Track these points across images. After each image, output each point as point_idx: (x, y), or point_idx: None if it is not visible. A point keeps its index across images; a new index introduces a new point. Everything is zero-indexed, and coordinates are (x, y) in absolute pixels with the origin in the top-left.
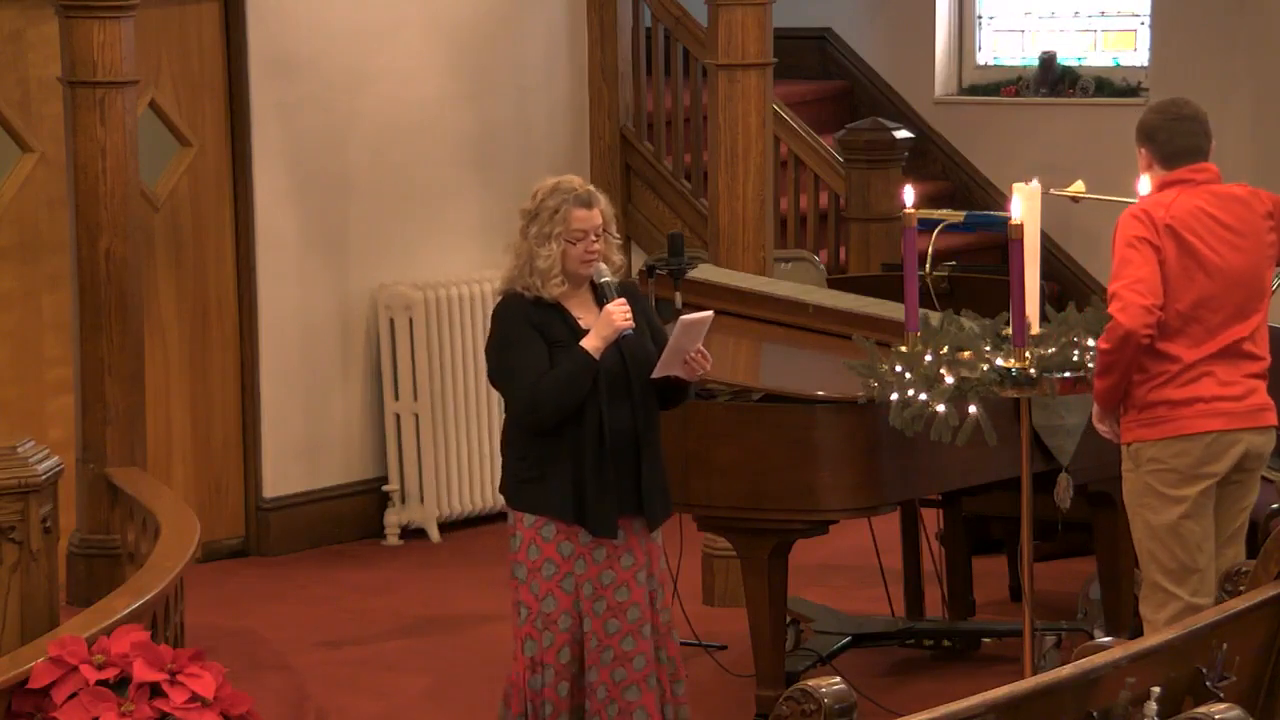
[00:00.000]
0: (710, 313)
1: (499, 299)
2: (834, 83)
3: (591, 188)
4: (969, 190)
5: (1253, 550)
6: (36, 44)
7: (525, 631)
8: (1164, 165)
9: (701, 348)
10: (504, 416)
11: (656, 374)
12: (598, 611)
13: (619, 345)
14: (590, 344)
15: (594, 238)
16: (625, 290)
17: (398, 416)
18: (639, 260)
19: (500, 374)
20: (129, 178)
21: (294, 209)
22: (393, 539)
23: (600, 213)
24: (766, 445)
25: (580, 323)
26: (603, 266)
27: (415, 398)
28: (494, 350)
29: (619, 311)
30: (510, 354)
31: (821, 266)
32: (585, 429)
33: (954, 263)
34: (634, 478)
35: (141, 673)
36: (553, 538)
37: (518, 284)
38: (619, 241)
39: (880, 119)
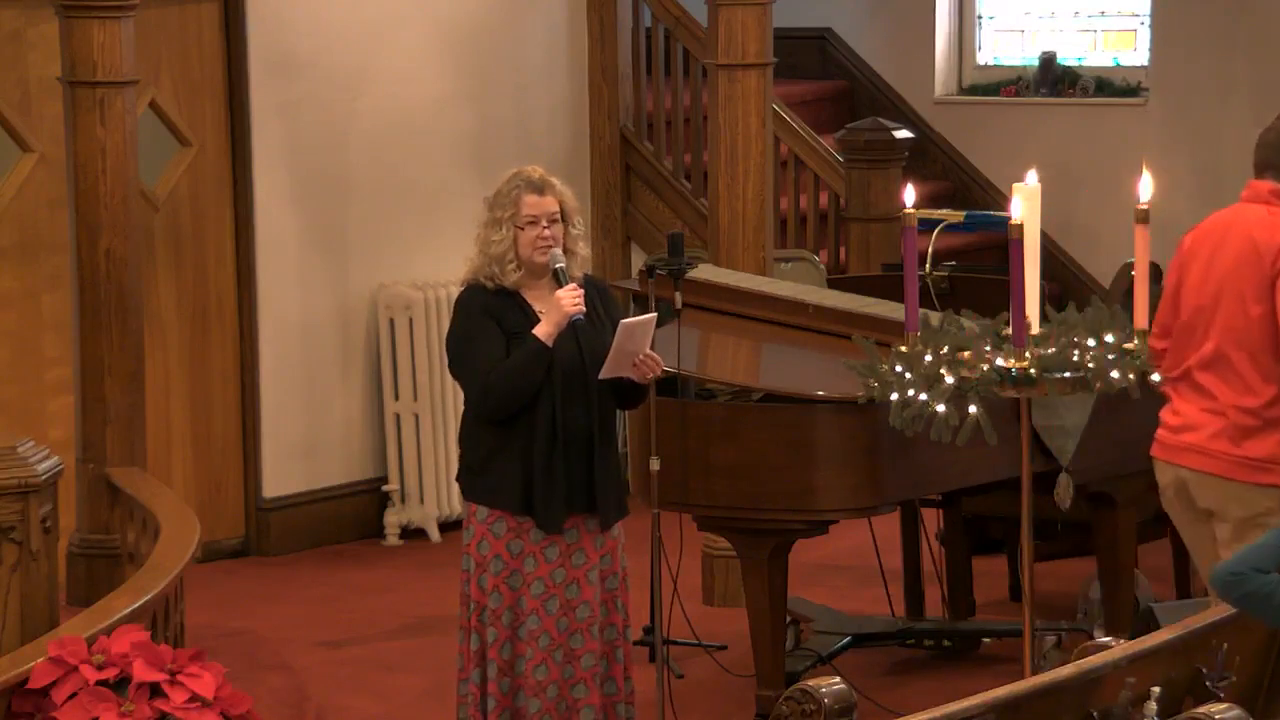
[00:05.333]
0: (653, 315)
1: (461, 289)
2: (834, 83)
3: (551, 177)
4: (969, 190)
5: None
6: (36, 44)
7: (472, 626)
8: None
9: (650, 351)
10: (461, 408)
11: (603, 375)
12: (550, 610)
13: (578, 342)
14: (542, 331)
15: (545, 224)
16: (591, 284)
17: (398, 416)
18: (639, 260)
19: (457, 363)
20: (129, 178)
21: (294, 209)
22: (393, 539)
23: (556, 200)
24: (766, 445)
25: (538, 313)
26: (557, 252)
27: (415, 398)
28: (452, 340)
29: (569, 296)
30: (466, 343)
31: (821, 266)
32: (537, 423)
33: (954, 263)
34: (586, 475)
35: (141, 673)
36: (504, 534)
37: (481, 273)
38: (579, 232)
39: (880, 119)
